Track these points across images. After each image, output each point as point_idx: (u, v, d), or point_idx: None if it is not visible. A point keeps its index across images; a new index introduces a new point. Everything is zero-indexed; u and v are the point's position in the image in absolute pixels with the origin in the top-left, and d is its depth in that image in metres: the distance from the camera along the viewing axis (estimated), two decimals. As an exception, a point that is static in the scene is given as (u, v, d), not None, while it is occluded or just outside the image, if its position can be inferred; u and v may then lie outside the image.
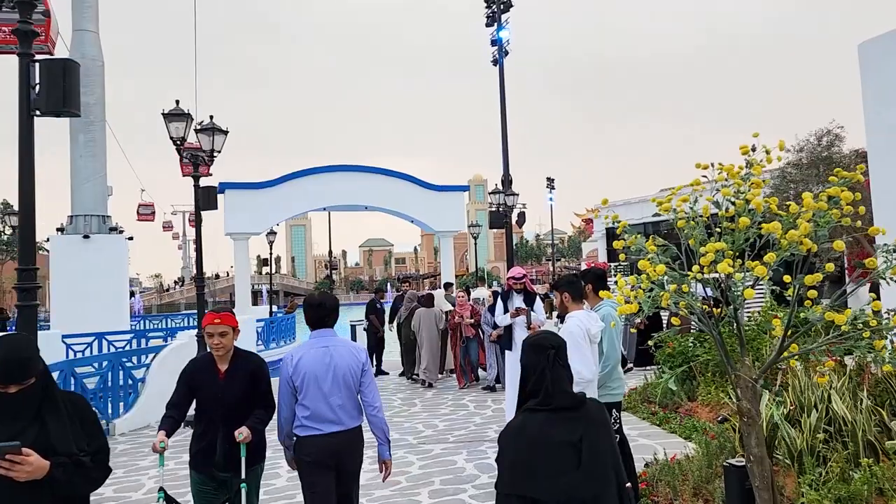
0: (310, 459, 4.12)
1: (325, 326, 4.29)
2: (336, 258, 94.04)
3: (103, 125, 22.73)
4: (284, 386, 4.20)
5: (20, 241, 6.10)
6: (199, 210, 10.04)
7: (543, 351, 2.60)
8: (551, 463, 2.44)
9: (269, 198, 31.44)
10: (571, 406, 2.55)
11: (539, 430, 2.48)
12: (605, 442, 2.56)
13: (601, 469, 2.49)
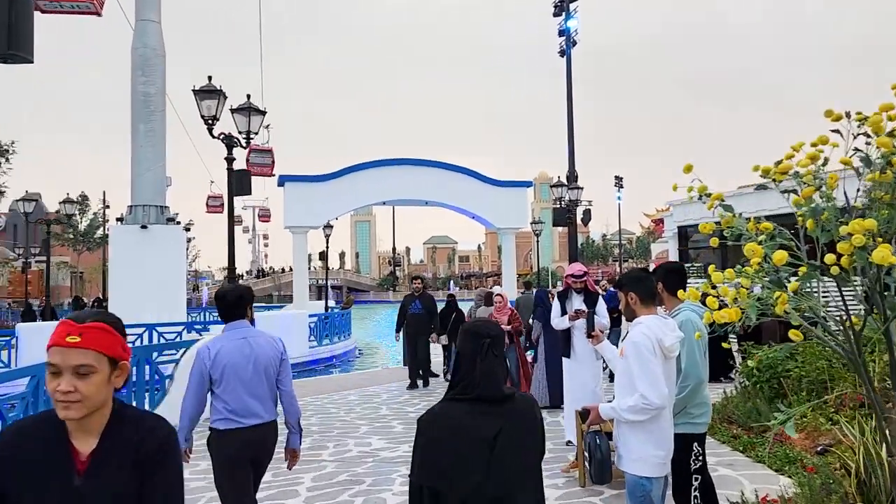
0: (233, 454, 3.99)
1: (239, 318, 4.12)
2: (399, 255, 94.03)
3: (163, 115, 22.58)
4: (198, 379, 4.01)
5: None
6: (232, 195, 9.34)
7: (478, 339, 2.47)
8: (461, 457, 2.33)
9: (328, 191, 31.10)
10: (494, 399, 2.40)
11: (455, 422, 2.37)
12: (527, 441, 2.41)
13: (514, 469, 2.35)
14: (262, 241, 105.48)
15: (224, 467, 4.05)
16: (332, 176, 31.21)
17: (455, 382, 2.48)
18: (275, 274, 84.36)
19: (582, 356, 7.42)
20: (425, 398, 11.38)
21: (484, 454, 2.34)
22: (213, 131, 9.27)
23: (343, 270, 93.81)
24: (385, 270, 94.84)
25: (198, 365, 4.06)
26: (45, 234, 21.49)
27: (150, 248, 20.96)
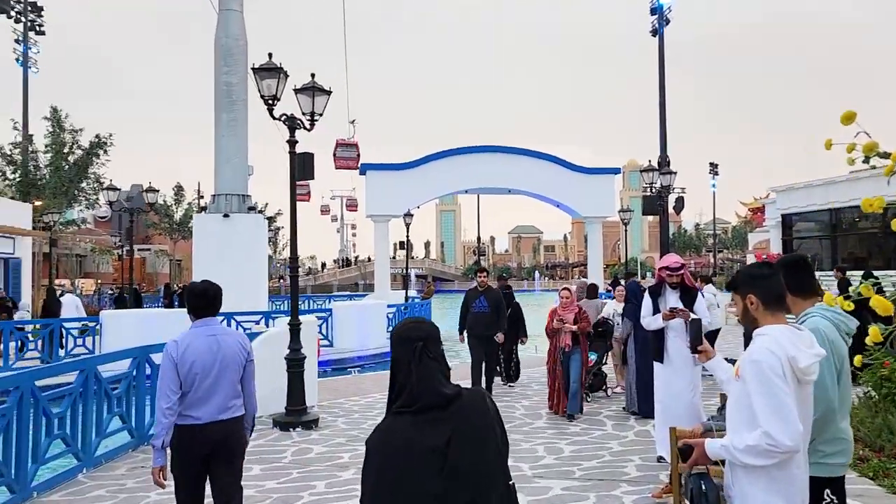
0: (186, 449, 4.01)
1: (209, 315, 4.16)
2: (484, 244, 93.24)
3: (245, 104, 22.59)
4: (170, 374, 3.97)
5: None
6: (294, 179, 8.78)
7: (409, 344, 2.26)
8: (415, 474, 2.12)
9: (409, 179, 30.64)
10: (438, 405, 2.18)
11: (403, 437, 2.16)
12: (478, 441, 2.16)
13: (478, 472, 2.15)
14: (350, 230, 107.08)
15: (177, 462, 4.06)
16: (414, 164, 30.72)
17: (395, 394, 2.27)
18: (360, 263, 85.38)
19: (677, 361, 6.40)
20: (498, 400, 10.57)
21: (437, 464, 2.14)
22: (273, 112, 8.71)
23: (428, 259, 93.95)
24: (470, 260, 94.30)
25: (167, 360, 4.01)
26: (129, 223, 21.92)
27: (231, 237, 21.03)
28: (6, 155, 31.40)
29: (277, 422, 8.69)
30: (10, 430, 5.79)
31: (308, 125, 9.30)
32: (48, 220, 26.77)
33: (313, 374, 9.89)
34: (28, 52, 35.27)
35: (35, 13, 36.20)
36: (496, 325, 10.15)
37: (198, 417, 4.00)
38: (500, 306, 10.26)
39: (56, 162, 31.62)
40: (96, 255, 51.08)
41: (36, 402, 6.14)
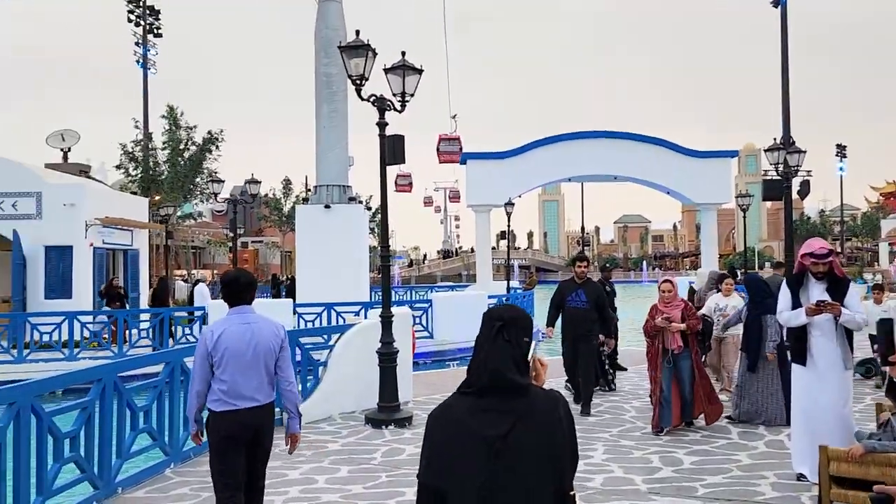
0: (224, 435, 4.09)
1: (243, 303, 4.23)
2: (588, 234, 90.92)
3: (345, 95, 22.57)
4: (201, 360, 4.10)
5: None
6: (385, 164, 8.31)
7: (489, 322, 2.21)
8: (466, 457, 2.11)
9: (511, 168, 29.83)
10: (499, 388, 2.12)
11: (460, 417, 2.15)
12: (541, 444, 2.10)
13: (522, 472, 2.09)
14: (454, 221, 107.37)
15: (216, 448, 4.14)
16: (516, 152, 29.93)
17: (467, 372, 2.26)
18: (463, 254, 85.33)
19: (822, 365, 5.40)
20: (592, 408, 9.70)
21: (489, 454, 2.09)
22: (361, 92, 8.25)
23: (531, 250, 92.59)
24: (573, 250, 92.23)
25: (200, 346, 4.13)
26: (233, 214, 22.44)
27: (332, 227, 21.09)
28: (129, 152, 33.14)
29: (370, 418, 8.27)
30: (92, 423, 5.60)
31: (399, 106, 8.80)
32: (164, 214, 27.99)
33: (408, 368, 9.44)
34: (147, 54, 37.08)
35: (153, 17, 38.00)
36: (597, 324, 8.67)
37: (233, 403, 4.08)
38: (601, 302, 8.78)
39: (172, 158, 33.09)
40: (212, 247, 53.56)
41: (119, 394, 5.95)
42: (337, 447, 7.35)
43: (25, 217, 18.36)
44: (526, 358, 2.20)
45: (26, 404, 4.87)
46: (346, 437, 7.78)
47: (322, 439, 7.65)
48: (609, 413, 8.69)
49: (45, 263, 18.40)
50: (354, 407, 9.00)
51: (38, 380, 5.13)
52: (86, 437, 5.53)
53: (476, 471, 2.10)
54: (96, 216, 18.99)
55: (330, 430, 8.11)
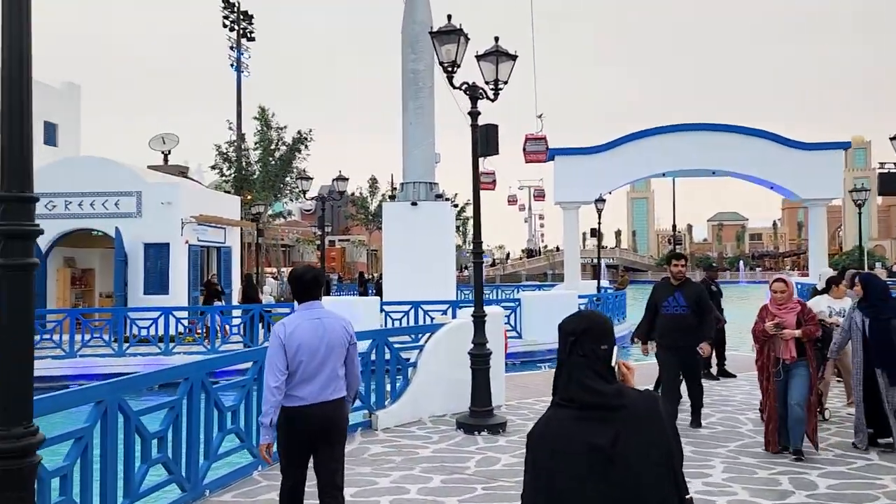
0: (292, 430, 4.12)
1: (313, 298, 4.27)
2: (680, 233, 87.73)
3: (431, 91, 22.36)
4: (277, 355, 4.08)
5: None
6: (477, 156, 7.87)
7: (563, 337, 2.21)
8: (573, 470, 2.09)
9: (601, 163, 28.77)
10: (599, 405, 2.10)
11: (561, 430, 2.13)
12: (649, 448, 2.08)
13: (636, 480, 2.05)
14: (538, 220, 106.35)
15: (284, 442, 4.17)
16: (606, 147, 28.87)
17: (554, 386, 2.25)
18: (549, 252, 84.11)
19: None
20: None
21: (597, 464, 2.06)
22: (453, 80, 7.84)
23: (619, 249, 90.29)
24: (664, 249, 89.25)
25: (275, 341, 4.12)
26: (321, 211, 22.59)
27: (419, 225, 20.90)
28: (223, 153, 34.18)
29: (461, 423, 7.85)
30: (179, 423, 5.42)
31: (491, 95, 8.34)
32: (256, 212, 28.62)
33: (500, 370, 8.97)
34: (241, 58, 38.17)
35: (246, 21, 39.08)
36: (699, 331, 7.43)
37: (303, 398, 4.09)
38: (703, 306, 7.54)
39: (264, 158, 33.87)
40: (301, 245, 54.80)
41: (207, 393, 5.77)
42: (428, 453, 6.96)
43: (126, 215, 19.03)
44: (609, 364, 2.16)
45: (114, 402, 4.71)
46: (438, 442, 7.39)
47: (412, 444, 7.28)
48: (722, 425, 7.92)
49: (144, 260, 19.03)
50: (444, 410, 8.61)
51: (126, 377, 4.98)
52: (174, 438, 5.35)
53: (588, 483, 2.06)
54: (191, 214, 19.49)
55: (420, 434, 7.74)
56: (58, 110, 23.29)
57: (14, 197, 2.44)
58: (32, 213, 2.49)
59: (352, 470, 6.37)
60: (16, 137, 2.43)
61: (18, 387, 2.40)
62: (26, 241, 2.45)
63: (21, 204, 2.44)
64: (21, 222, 2.43)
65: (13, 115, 2.44)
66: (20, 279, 2.43)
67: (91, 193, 19.12)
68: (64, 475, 4.29)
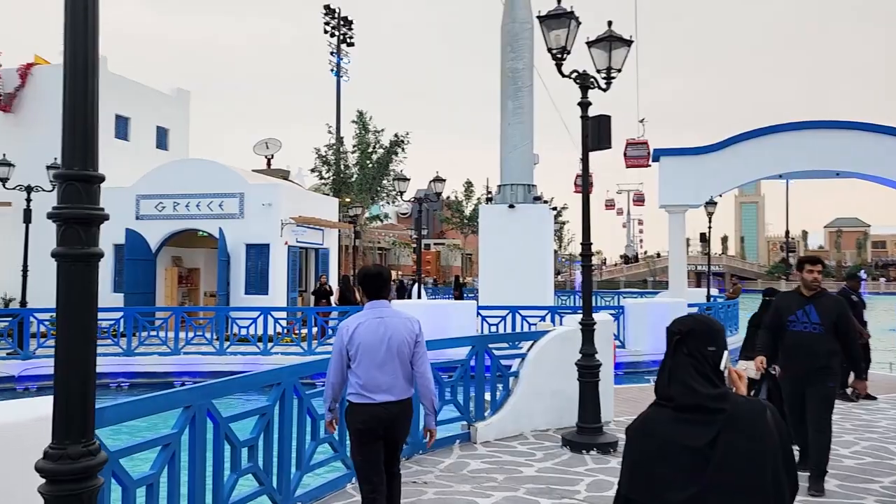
0: (362, 427, 4.18)
1: (381, 298, 4.30)
2: (794, 239, 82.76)
3: (531, 90, 21.78)
4: (337, 354, 4.22)
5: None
6: (587, 149, 7.24)
7: (669, 336, 2.22)
8: (673, 470, 2.08)
9: (710, 164, 27.19)
10: (698, 406, 2.08)
11: (663, 429, 2.13)
12: (748, 455, 2.03)
13: (731, 486, 2.01)
14: (637, 226, 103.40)
15: (355, 439, 4.24)
16: (716, 147, 27.26)
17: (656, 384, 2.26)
18: (649, 259, 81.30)
19: None
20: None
21: (695, 464, 2.06)
22: (562, 68, 7.25)
23: (725, 256, 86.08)
24: (775, 257, 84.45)
25: (337, 340, 4.22)
26: (417, 213, 22.38)
27: (516, 228, 20.35)
28: (322, 156, 34.80)
29: (568, 440, 7.22)
30: (270, 431, 5.10)
31: (603, 84, 7.70)
32: (353, 214, 28.85)
33: (609, 383, 8.28)
34: (340, 63, 38.83)
35: (346, 27, 39.74)
36: (835, 357, 5.79)
37: (369, 396, 4.14)
38: (844, 326, 5.82)
39: (361, 161, 34.21)
40: (397, 248, 55.27)
41: (300, 400, 5.44)
42: (532, 473, 6.39)
43: (230, 216, 19.48)
44: (717, 367, 2.14)
45: (203, 408, 4.44)
46: (542, 460, 6.81)
47: (515, 461, 6.73)
48: (870, 456, 6.92)
49: (245, 260, 19.40)
50: (548, 424, 8.02)
51: (216, 382, 4.69)
52: (265, 447, 5.04)
53: (685, 482, 2.08)
54: (291, 215, 19.72)
55: (522, 450, 7.17)
56: (169, 115, 24.23)
57: (75, 175, 2.06)
58: (96, 196, 2.12)
59: (450, 487, 5.90)
60: (79, 99, 2.05)
61: (77, 398, 2.04)
62: (89, 228, 2.09)
63: (84, 184, 2.07)
64: (83, 205, 2.06)
65: (76, 71, 2.06)
66: (80, 272, 2.07)
67: (197, 195, 19.69)
68: (150, 484, 4.03)
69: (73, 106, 2.05)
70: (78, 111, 2.05)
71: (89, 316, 2.06)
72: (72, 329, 2.02)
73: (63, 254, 2.03)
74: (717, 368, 2.12)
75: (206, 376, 14.66)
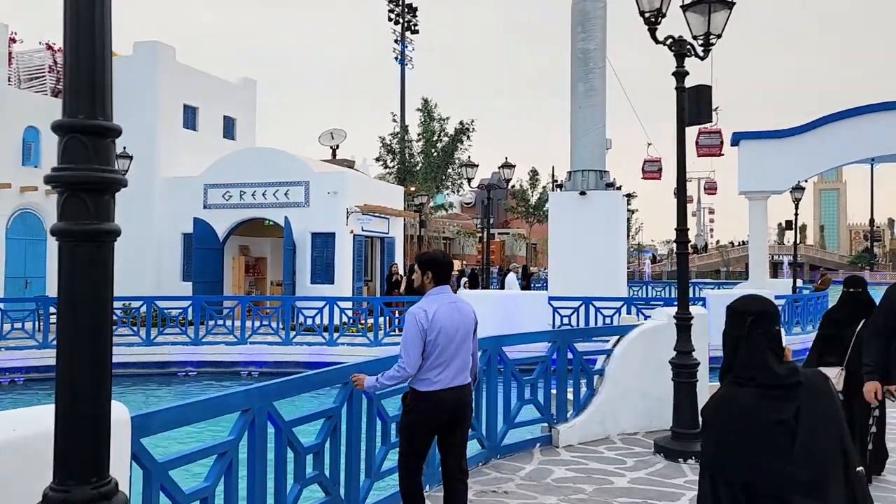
0: (428, 415, 4.11)
1: (446, 283, 4.24)
2: (879, 227, 78.31)
3: (603, 72, 20.81)
4: (419, 339, 4.02)
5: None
6: (683, 123, 6.48)
7: (740, 318, 2.41)
8: (760, 444, 2.28)
9: (794, 148, 25.57)
10: (778, 383, 2.31)
11: (746, 407, 2.32)
12: (827, 420, 2.29)
13: (819, 451, 2.25)
14: (708, 214, 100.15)
15: (412, 429, 4.16)
16: (801, 129, 25.62)
17: (725, 367, 2.43)
18: (722, 248, 78.40)
19: None
20: None
21: (785, 439, 2.24)
22: (656, 33, 6.50)
23: (804, 245, 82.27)
24: (857, 246, 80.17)
25: (414, 326, 4.04)
26: (485, 199, 21.76)
27: (588, 216, 19.49)
28: (387, 145, 34.52)
29: (662, 447, 6.52)
30: (338, 434, 4.60)
31: (701, 51, 6.90)
32: (418, 203, 28.43)
33: (705, 384, 7.49)
34: (405, 51, 38.42)
35: (411, 14, 39.28)
36: None
37: (438, 382, 4.06)
38: None
39: (427, 149, 33.77)
40: (462, 238, 54.78)
41: (370, 401, 4.92)
42: (624, 484, 5.73)
43: (295, 205, 19.29)
44: (781, 345, 2.36)
45: (263, 411, 3.96)
46: (634, 469, 6.13)
47: (604, 470, 6.07)
48: None
49: (311, 249, 19.19)
50: (636, 427, 7.31)
51: (277, 382, 4.19)
52: (331, 451, 4.54)
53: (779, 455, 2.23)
54: (356, 204, 19.39)
55: (610, 456, 6.50)
56: (235, 105, 24.27)
57: (81, 126, 1.53)
58: (110, 153, 1.58)
59: (534, 499, 5.30)
60: (85, 25, 1.51)
61: (85, 423, 1.53)
62: (100, 196, 1.55)
63: (93, 138, 1.54)
64: (91, 166, 1.54)
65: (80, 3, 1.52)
66: (88, 256, 1.54)
67: (262, 184, 19.58)
68: (205, 497, 3.58)
69: (76, 35, 1.52)
70: (83, 40, 1.52)
71: (102, 316, 1.54)
72: (79, 332, 1.51)
73: (65, 231, 1.51)
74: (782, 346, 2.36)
75: (271, 366, 14.46)
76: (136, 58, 20.86)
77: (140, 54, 20.87)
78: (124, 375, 14.00)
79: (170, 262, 20.38)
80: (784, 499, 2.23)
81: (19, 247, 19.27)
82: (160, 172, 20.44)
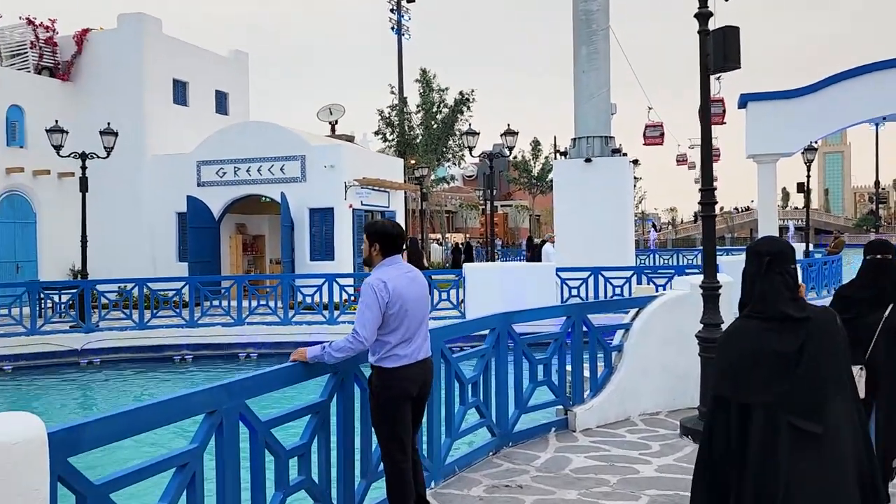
0: (399, 394, 3.90)
1: (398, 252, 4.04)
2: (884, 190, 77.33)
3: (607, 33, 19.96)
4: (377, 310, 3.77)
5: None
6: (707, 70, 5.81)
7: (757, 257, 2.53)
8: (762, 370, 2.41)
9: (803, 109, 24.59)
10: (786, 317, 2.44)
11: (752, 338, 2.46)
12: (830, 353, 2.43)
13: (819, 379, 2.38)
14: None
15: (388, 410, 3.92)
16: (810, 89, 24.61)
17: (741, 304, 2.58)
18: (726, 214, 77.58)
19: None
20: None
21: (787, 367, 2.37)
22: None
23: (808, 209, 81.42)
24: (862, 209, 79.29)
25: (373, 297, 3.80)
26: (488, 169, 21.08)
27: (593, 184, 18.80)
28: (385, 118, 33.72)
29: (688, 429, 5.96)
30: (327, 431, 4.03)
31: (725, -8, 6.21)
32: (419, 176, 27.74)
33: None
34: (401, 20, 37.37)
35: (406, -19, 38.11)
36: None
37: (405, 357, 3.90)
38: None
39: (426, 121, 32.97)
40: (464, 211, 54.10)
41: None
42: (651, 473, 5.17)
43: (292, 180, 18.65)
44: (797, 283, 2.50)
45: (234, 412, 3.38)
46: (660, 454, 5.57)
47: (627, 456, 5.50)
48: None
49: (309, 226, 18.59)
50: (658, 406, 6.77)
51: (250, 377, 3.51)
52: (320, 453, 3.97)
53: (777, 380, 2.37)
54: (354, 177, 18.74)
55: (633, 440, 5.94)
56: (227, 79, 23.50)
57: None
58: None
59: (552, 494, 4.75)
60: None
61: None
62: None
63: None
64: None
65: None
66: None
67: (258, 159, 18.92)
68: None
69: None
70: None
71: None
72: None
73: None
74: (798, 284, 2.53)
75: (270, 347, 13.91)
76: (120, 31, 20.09)
77: (124, 27, 20.08)
78: (117, 360, 13.50)
79: (164, 243, 19.78)
80: (780, 420, 2.35)
81: (8, 230, 18.70)
82: (150, 150, 19.76)
